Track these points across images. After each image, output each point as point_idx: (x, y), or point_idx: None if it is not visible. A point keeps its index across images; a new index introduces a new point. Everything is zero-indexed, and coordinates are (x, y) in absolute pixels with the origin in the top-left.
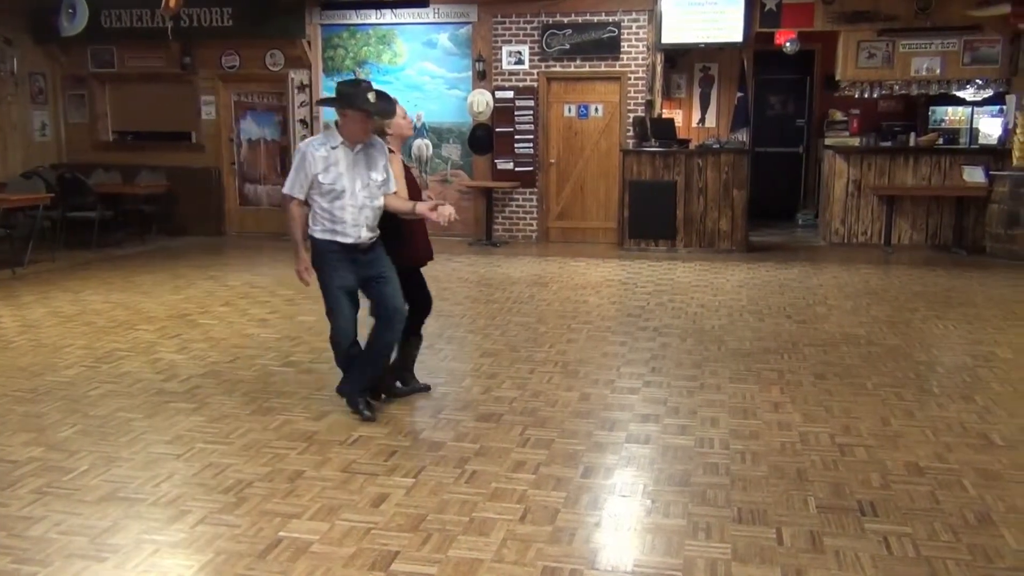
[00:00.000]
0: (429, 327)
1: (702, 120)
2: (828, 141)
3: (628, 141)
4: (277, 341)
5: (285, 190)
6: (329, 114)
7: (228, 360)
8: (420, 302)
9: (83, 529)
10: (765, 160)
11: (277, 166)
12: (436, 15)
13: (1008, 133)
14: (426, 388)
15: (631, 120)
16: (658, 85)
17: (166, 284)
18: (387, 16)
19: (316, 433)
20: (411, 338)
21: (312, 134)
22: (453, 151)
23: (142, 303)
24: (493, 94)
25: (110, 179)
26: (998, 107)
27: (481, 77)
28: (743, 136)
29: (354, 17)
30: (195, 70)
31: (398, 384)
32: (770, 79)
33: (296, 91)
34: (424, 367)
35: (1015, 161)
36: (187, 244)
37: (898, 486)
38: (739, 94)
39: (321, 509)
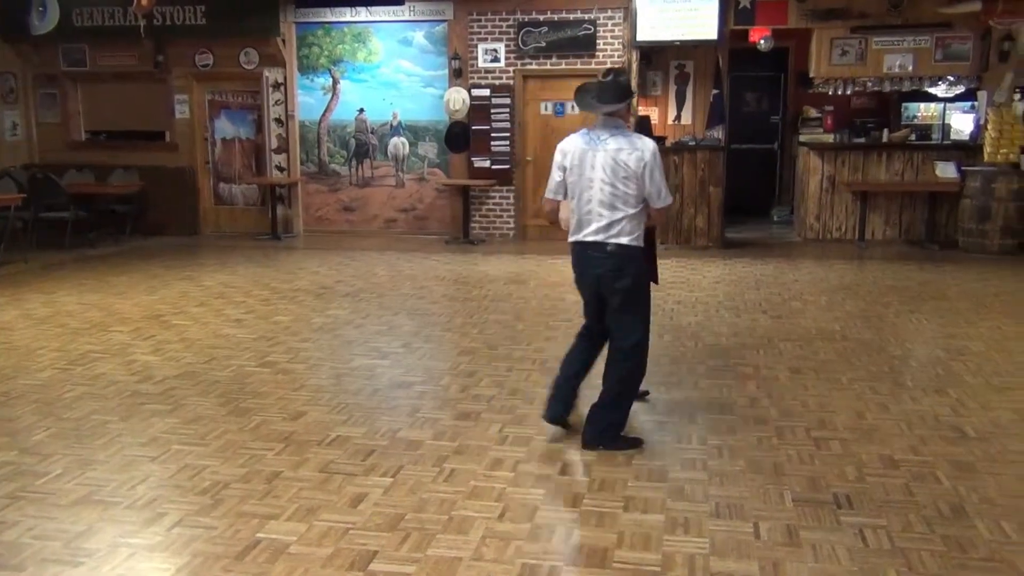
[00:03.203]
0: (405, 325)
1: (678, 117)
2: (802, 138)
3: None
4: (253, 341)
5: (672, 199)
6: (308, 110)
7: (203, 361)
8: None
9: (57, 533)
10: (740, 157)
11: (252, 165)
12: (411, 13)
13: (979, 129)
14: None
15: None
16: (634, 83)
17: (140, 285)
18: (362, 14)
19: (293, 433)
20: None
21: (287, 133)
22: (430, 149)
23: (116, 304)
24: (469, 92)
25: (83, 179)
26: (969, 103)
27: (457, 75)
28: (719, 133)
29: (329, 15)
30: (168, 69)
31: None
32: (745, 76)
33: (271, 89)
34: (402, 365)
35: (986, 157)
36: (161, 244)
37: (873, 479)
38: (714, 91)
39: (299, 510)
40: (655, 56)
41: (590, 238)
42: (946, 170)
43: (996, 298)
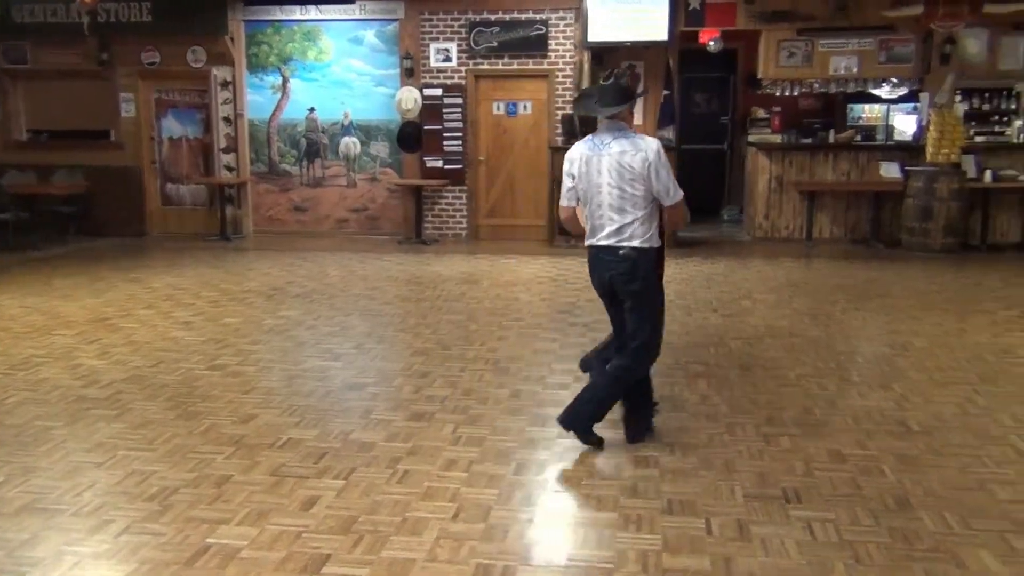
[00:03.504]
0: (358, 326)
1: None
2: (751, 138)
3: (557, 138)
4: (202, 344)
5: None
6: (257, 109)
7: (151, 364)
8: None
9: (0, 543)
10: (691, 157)
11: (200, 165)
12: (362, 11)
13: (922, 130)
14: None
15: (559, 118)
16: (585, 83)
17: (85, 287)
18: (312, 12)
19: (244, 437)
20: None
21: (236, 132)
22: (381, 149)
23: (60, 307)
24: (421, 91)
25: (25, 179)
26: (912, 105)
27: (409, 74)
28: (669, 133)
29: (278, 13)
30: (113, 66)
31: None
32: (695, 77)
33: (219, 88)
34: (354, 366)
35: (928, 157)
36: (107, 246)
37: (821, 473)
38: (665, 92)
39: (250, 514)
40: (606, 57)
41: (603, 242)
42: (890, 170)
43: (938, 295)
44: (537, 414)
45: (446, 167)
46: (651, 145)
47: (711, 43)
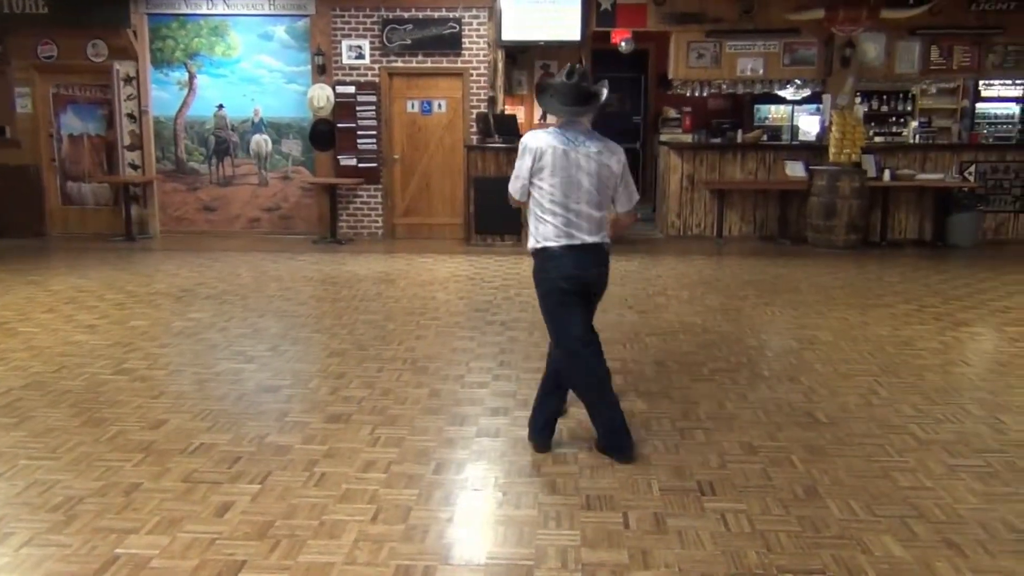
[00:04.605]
0: (271, 328)
1: (543, 116)
2: (663, 138)
3: (472, 137)
4: (108, 348)
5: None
6: (163, 105)
7: (53, 370)
8: None
9: None
10: None
11: (103, 163)
12: (272, 6)
13: (825, 130)
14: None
15: (474, 116)
16: (500, 82)
17: None
18: (219, 6)
19: (153, 443)
20: None
21: (140, 129)
22: (294, 147)
23: None
24: (334, 89)
25: None
26: (816, 106)
27: (321, 71)
28: None
29: (183, 6)
30: (7, 60)
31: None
32: (607, 77)
33: (122, 83)
34: (268, 368)
35: (831, 157)
36: (3, 247)
37: (734, 465)
38: None
39: (161, 522)
40: (520, 56)
41: (589, 240)
42: (795, 169)
43: (842, 290)
44: (456, 413)
45: (360, 165)
46: (619, 148)
47: (623, 44)
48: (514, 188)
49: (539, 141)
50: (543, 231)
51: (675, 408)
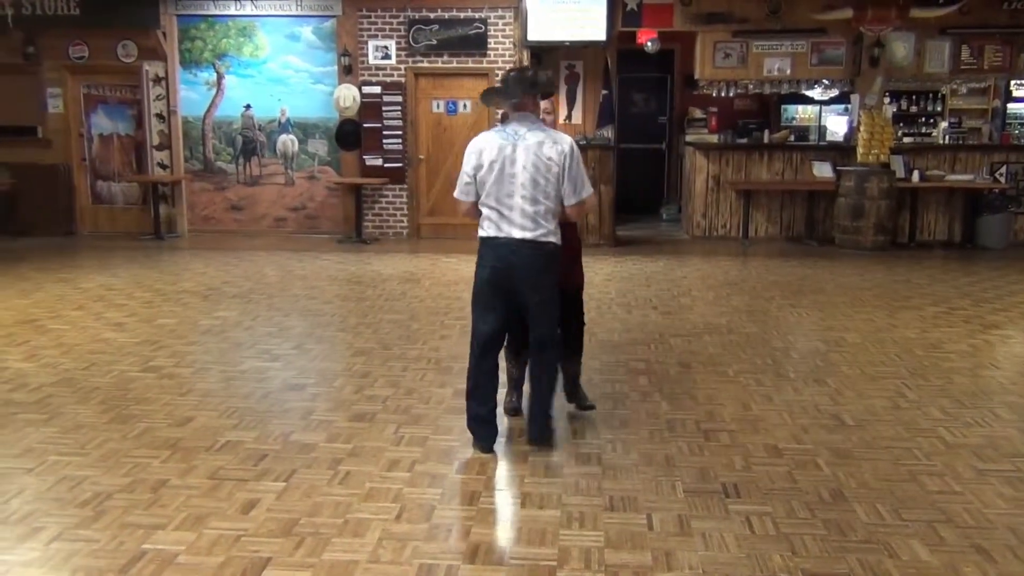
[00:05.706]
0: (297, 327)
1: (568, 116)
2: (689, 138)
3: None
4: (136, 345)
5: (592, 190)
6: (191, 105)
7: (83, 367)
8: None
9: None
10: (630, 156)
11: (132, 162)
12: (299, 7)
13: (852, 130)
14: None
15: (499, 116)
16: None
17: (11, 288)
18: (247, 7)
19: (180, 440)
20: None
21: (169, 129)
22: (320, 147)
23: None
24: (360, 89)
25: None
26: (843, 106)
27: (347, 72)
28: (608, 132)
29: (212, 8)
30: (40, 61)
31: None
32: (633, 77)
33: (151, 84)
34: (293, 367)
35: (859, 157)
36: (34, 245)
37: (759, 468)
38: (604, 91)
39: (187, 518)
40: (546, 56)
41: (518, 235)
42: (822, 170)
43: (869, 292)
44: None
45: (386, 165)
46: (566, 139)
47: (648, 44)
48: (457, 189)
49: (480, 141)
50: (482, 224)
51: (700, 409)
